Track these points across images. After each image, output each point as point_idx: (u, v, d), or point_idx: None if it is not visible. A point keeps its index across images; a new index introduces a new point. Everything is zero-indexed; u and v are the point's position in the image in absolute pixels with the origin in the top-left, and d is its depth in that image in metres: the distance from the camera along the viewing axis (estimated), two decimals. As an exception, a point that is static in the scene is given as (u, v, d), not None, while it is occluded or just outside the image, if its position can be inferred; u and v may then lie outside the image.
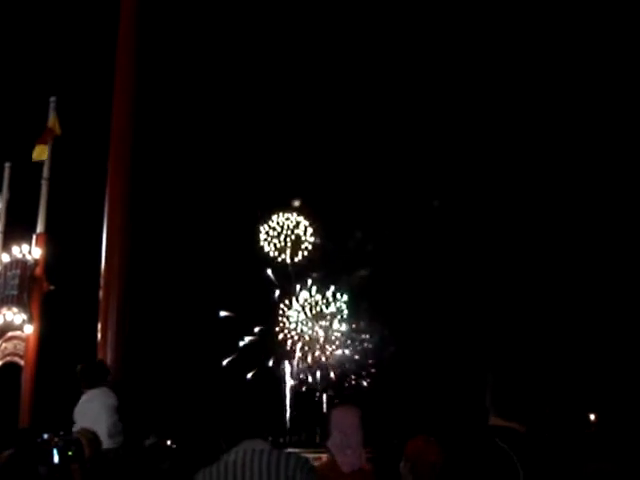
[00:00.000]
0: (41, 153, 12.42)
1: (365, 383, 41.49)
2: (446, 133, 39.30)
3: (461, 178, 39.51)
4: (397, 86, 39.12)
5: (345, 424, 2.92)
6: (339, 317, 42.49)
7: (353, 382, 41.73)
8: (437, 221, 38.98)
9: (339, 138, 39.86)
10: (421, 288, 37.94)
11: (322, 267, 42.30)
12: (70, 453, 2.66)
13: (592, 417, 46.93)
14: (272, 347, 42.32)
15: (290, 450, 3.31)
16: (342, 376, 41.90)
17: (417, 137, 38.91)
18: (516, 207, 38.50)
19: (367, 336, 41.44)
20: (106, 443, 3.93)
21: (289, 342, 42.29)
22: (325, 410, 39.58)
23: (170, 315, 37.73)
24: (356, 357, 41.85)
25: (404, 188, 39.65)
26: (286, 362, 41.00)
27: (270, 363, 42.27)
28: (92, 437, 2.66)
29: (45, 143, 12.44)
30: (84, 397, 4.31)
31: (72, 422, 4.24)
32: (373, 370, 41.35)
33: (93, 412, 4.13)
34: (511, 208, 38.41)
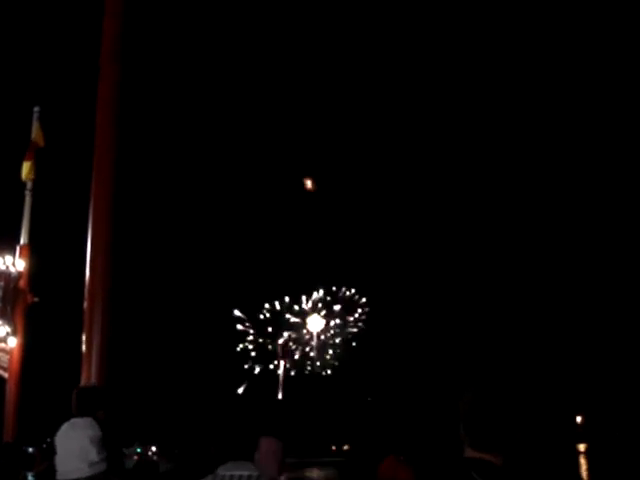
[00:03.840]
0: (29, 171, 12.35)
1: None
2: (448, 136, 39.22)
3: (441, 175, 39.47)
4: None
5: (265, 450, 3.38)
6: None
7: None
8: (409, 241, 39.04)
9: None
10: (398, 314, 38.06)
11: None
12: None
13: (579, 419, 47.27)
14: (265, 353, 42.14)
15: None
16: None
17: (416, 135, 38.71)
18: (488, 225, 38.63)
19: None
20: (87, 472, 4.03)
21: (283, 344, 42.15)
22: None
23: (155, 325, 37.50)
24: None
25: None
26: (281, 363, 40.81)
27: (257, 370, 42.07)
28: None
29: (31, 159, 12.35)
30: (66, 425, 4.29)
31: (53, 447, 4.24)
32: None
33: (77, 442, 4.15)
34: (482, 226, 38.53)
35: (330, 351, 44.00)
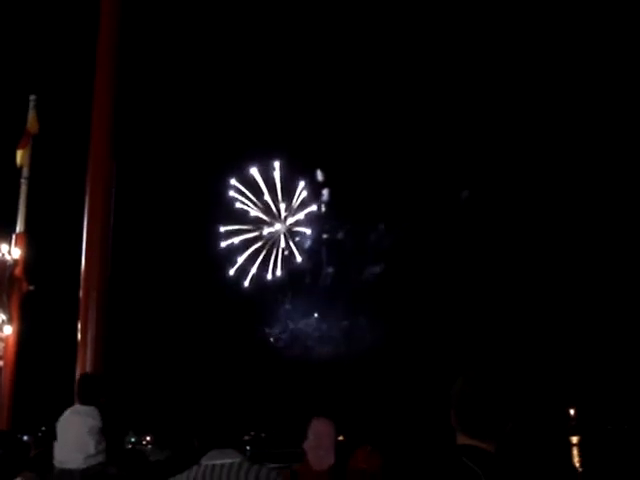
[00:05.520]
0: (22, 158, 12.33)
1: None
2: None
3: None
4: (423, 82, 39.00)
5: (321, 431, 3.47)
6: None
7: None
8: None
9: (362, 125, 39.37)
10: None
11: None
12: None
13: (572, 412, 47.56)
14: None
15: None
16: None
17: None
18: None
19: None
20: (83, 463, 4.03)
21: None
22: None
23: (150, 315, 37.52)
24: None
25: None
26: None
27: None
28: None
29: (25, 147, 12.32)
30: (68, 413, 4.28)
31: (53, 432, 4.25)
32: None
33: (75, 431, 4.14)
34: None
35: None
